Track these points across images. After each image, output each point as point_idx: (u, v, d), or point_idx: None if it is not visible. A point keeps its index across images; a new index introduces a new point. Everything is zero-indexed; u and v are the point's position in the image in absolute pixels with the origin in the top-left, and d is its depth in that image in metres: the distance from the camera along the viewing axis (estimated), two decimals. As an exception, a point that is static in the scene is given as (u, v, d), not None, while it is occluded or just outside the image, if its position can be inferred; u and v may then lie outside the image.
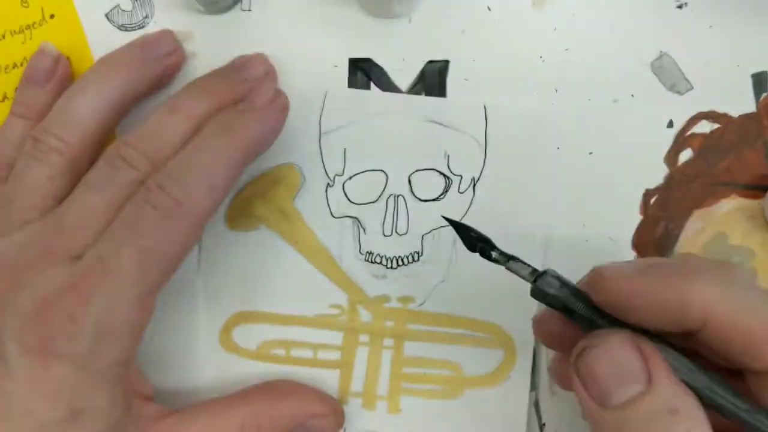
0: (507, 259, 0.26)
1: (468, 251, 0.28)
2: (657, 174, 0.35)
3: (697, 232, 0.35)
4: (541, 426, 0.35)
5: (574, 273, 0.34)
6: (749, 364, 0.22)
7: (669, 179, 0.35)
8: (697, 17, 0.34)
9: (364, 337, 0.34)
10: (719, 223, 0.35)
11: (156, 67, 0.32)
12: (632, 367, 0.22)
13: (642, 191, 0.35)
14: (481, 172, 0.34)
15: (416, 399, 0.34)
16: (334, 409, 0.33)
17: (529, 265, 0.26)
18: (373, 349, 0.34)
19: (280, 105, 0.31)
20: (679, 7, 0.35)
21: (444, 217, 0.29)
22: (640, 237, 0.35)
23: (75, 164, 0.30)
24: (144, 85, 0.31)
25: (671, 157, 0.35)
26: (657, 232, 0.35)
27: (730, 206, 0.35)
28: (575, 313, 0.25)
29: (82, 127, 0.30)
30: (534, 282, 0.25)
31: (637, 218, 0.35)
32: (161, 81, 0.33)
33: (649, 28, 0.34)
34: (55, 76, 0.32)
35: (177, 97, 0.30)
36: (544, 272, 0.25)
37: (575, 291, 0.25)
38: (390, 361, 0.34)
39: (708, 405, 0.22)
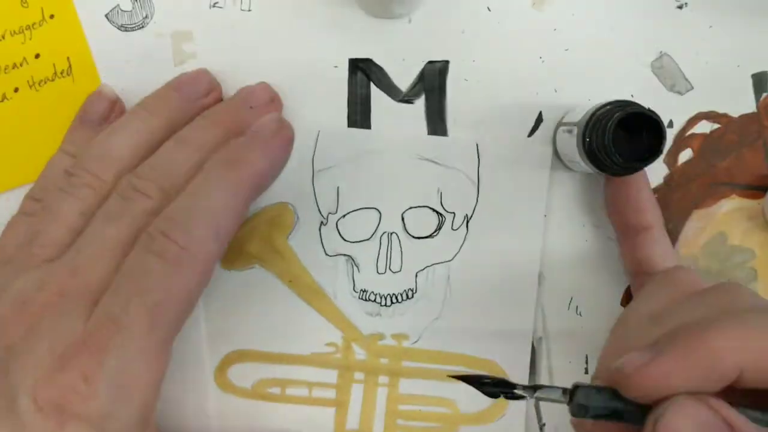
0: (533, 391, 0.25)
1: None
2: (657, 174, 0.35)
3: (697, 232, 0.35)
4: (541, 426, 0.35)
5: (575, 276, 0.35)
6: None
7: (669, 179, 0.35)
8: (697, 17, 0.34)
9: (359, 375, 0.34)
10: (719, 223, 0.35)
11: (193, 109, 0.32)
12: (716, 426, 0.21)
13: (642, 191, 0.35)
14: (474, 208, 0.34)
15: None
16: None
17: (557, 387, 0.24)
18: (369, 387, 0.34)
19: (285, 135, 0.31)
20: (679, 7, 0.35)
21: (452, 376, 0.27)
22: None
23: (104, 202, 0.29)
24: (180, 126, 0.31)
25: (671, 157, 0.35)
26: (657, 232, 0.35)
27: (729, 206, 0.35)
28: (623, 413, 0.23)
29: (117, 165, 0.29)
30: (571, 401, 0.24)
31: (637, 218, 0.35)
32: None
33: (649, 28, 0.34)
34: (110, 119, 0.32)
35: (186, 129, 0.30)
36: (576, 387, 0.24)
37: (612, 393, 0.23)
38: (385, 399, 0.34)
39: None
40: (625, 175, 0.30)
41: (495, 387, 0.25)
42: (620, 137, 0.29)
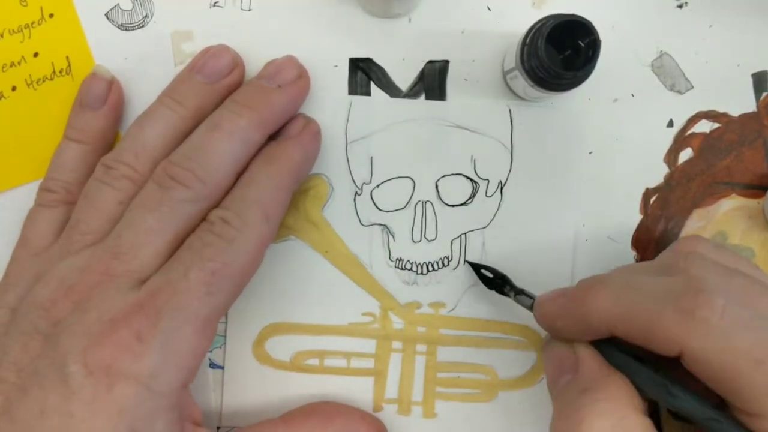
0: (516, 294, 0.31)
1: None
2: (657, 173, 0.35)
3: (697, 231, 0.35)
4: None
5: (576, 273, 0.35)
6: (656, 349, 0.24)
7: (669, 178, 0.35)
8: (697, 17, 0.35)
9: (397, 344, 0.35)
10: (719, 222, 0.35)
11: (219, 89, 0.32)
12: (566, 361, 0.27)
13: (642, 190, 0.35)
14: (508, 175, 0.34)
15: (451, 403, 0.34)
16: (378, 429, 0.33)
17: (530, 298, 0.31)
18: (407, 356, 0.34)
19: (311, 131, 0.33)
20: (679, 6, 0.35)
21: (468, 262, 0.34)
22: (640, 236, 0.35)
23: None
24: (209, 108, 0.31)
25: (671, 156, 0.35)
26: (657, 231, 0.35)
27: (729, 205, 0.35)
28: None
29: (152, 155, 0.30)
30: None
31: (637, 217, 0.35)
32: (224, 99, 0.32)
33: (649, 28, 0.34)
34: (108, 100, 0.33)
35: (217, 114, 0.30)
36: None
37: None
38: (424, 367, 0.34)
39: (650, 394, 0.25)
40: (572, 88, 0.29)
41: (492, 277, 0.33)
42: (561, 57, 0.30)
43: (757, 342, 0.22)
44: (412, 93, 0.34)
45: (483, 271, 0.33)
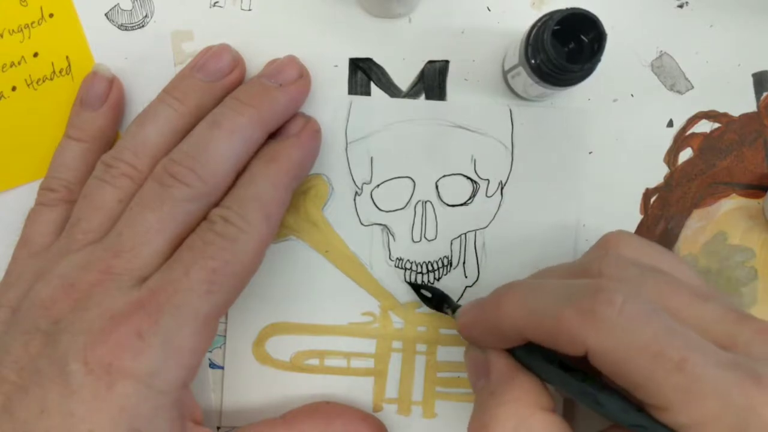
0: (451, 310, 0.32)
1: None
2: (657, 173, 0.35)
3: (697, 232, 0.35)
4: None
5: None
6: (563, 350, 0.24)
7: (669, 178, 0.35)
8: (697, 17, 0.35)
9: (397, 344, 0.35)
10: (719, 222, 0.35)
11: (219, 88, 0.32)
12: (481, 365, 0.28)
13: (642, 190, 0.35)
14: (509, 175, 0.34)
15: (451, 403, 0.34)
16: (378, 429, 0.33)
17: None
18: (407, 355, 0.34)
19: (311, 129, 0.32)
20: (680, 6, 0.35)
21: (408, 282, 0.34)
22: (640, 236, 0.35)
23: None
24: (209, 109, 0.31)
25: (671, 156, 0.35)
26: (657, 231, 0.35)
27: (729, 206, 0.35)
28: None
29: (152, 154, 0.30)
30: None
31: (637, 217, 0.35)
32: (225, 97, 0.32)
33: (649, 28, 0.34)
34: (109, 98, 0.33)
35: (217, 111, 0.30)
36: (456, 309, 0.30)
37: None
38: (424, 366, 0.34)
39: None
40: (579, 82, 0.29)
41: (432, 297, 0.33)
42: (567, 51, 0.30)
43: (654, 335, 0.22)
44: (412, 93, 0.34)
45: (423, 291, 0.34)
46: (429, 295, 0.33)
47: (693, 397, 0.21)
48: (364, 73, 0.34)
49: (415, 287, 0.34)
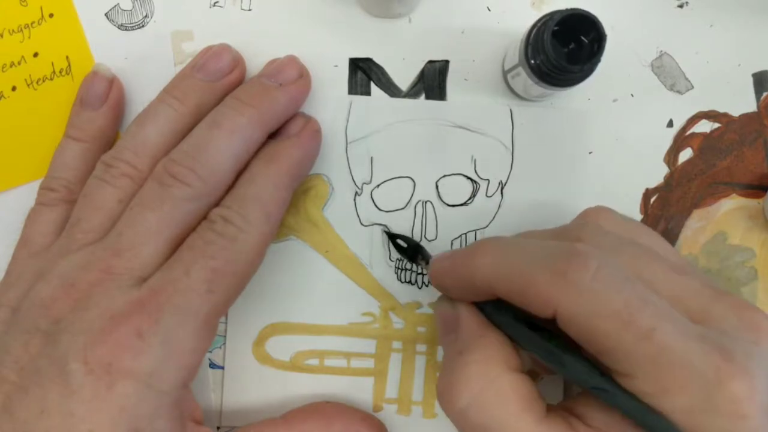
0: (426, 263, 0.31)
1: None
2: (657, 173, 0.35)
3: (697, 232, 0.35)
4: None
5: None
6: (532, 310, 0.24)
7: (669, 179, 0.35)
8: (697, 17, 0.35)
9: (397, 344, 0.34)
10: (719, 222, 0.35)
11: (219, 88, 0.32)
12: (450, 320, 0.28)
13: (642, 190, 0.35)
14: (509, 175, 0.34)
15: None
16: (379, 430, 0.33)
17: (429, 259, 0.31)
18: (407, 355, 0.34)
19: (311, 129, 0.33)
20: (680, 6, 0.35)
21: (385, 231, 0.34)
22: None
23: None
24: (209, 109, 0.31)
25: (671, 156, 0.35)
26: (657, 231, 0.35)
27: (730, 206, 0.35)
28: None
29: (152, 154, 0.30)
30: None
31: (637, 217, 0.35)
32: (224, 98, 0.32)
33: (649, 28, 0.34)
34: (109, 98, 0.33)
35: (217, 111, 0.30)
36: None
37: None
38: (424, 366, 0.34)
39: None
40: (579, 83, 0.29)
41: (407, 246, 0.33)
42: (566, 51, 0.30)
43: (626, 303, 0.22)
44: (412, 93, 0.34)
45: (398, 240, 0.33)
46: (404, 245, 0.33)
47: (659, 366, 0.21)
48: (364, 73, 0.34)
49: (391, 236, 0.33)
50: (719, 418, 0.21)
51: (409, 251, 0.33)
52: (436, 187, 0.34)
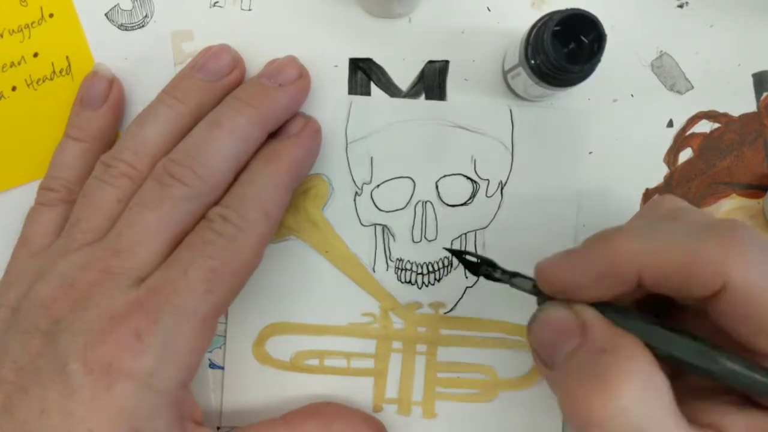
0: (511, 276, 0.28)
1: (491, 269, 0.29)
2: (657, 173, 0.35)
3: (697, 232, 0.35)
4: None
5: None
6: (694, 287, 0.22)
7: (669, 179, 0.35)
8: (697, 17, 0.35)
9: (397, 344, 0.34)
10: (719, 222, 0.35)
11: (219, 88, 0.32)
12: (569, 325, 0.24)
13: (642, 191, 0.35)
14: (509, 175, 0.34)
15: (451, 403, 0.34)
16: (379, 430, 0.33)
17: (530, 279, 0.27)
18: (407, 356, 0.34)
19: (311, 129, 0.33)
20: (680, 6, 0.35)
21: (446, 249, 0.32)
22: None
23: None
24: (209, 109, 0.31)
25: (671, 156, 0.35)
26: (657, 231, 0.35)
27: (730, 206, 0.35)
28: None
29: (151, 154, 0.30)
30: (537, 296, 0.27)
31: (637, 218, 0.35)
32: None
33: (649, 28, 0.34)
34: (109, 98, 0.33)
35: (217, 111, 0.30)
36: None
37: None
38: (424, 367, 0.34)
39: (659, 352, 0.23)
40: (579, 83, 0.29)
41: (481, 264, 0.29)
42: (566, 51, 0.30)
43: None
44: (412, 93, 0.34)
45: (467, 257, 0.30)
46: (474, 260, 0.29)
47: None
48: (364, 73, 0.34)
49: (457, 253, 0.30)
50: None
51: (482, 268, 0.29)
52: (436, 187, 0.34)
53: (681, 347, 0.23)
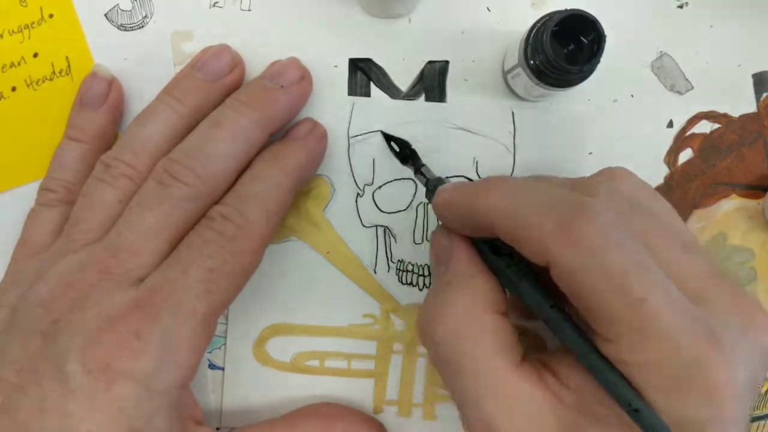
0: (415, 171, 0.31)
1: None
2: (657, 174, 0.35)
3: (697, 232, 0.35)
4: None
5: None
6: (527, 255, 0.24)
7: (669, 179, 0.35)
8: (697, 17, 0.35)
9: (398, 346, 0.34)
10: (719, 223, 0.35)
11: (219, 88, 0.32)
12: (444, 252, 0.28)
13: (642, 191, 0.35)
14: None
15: (451, 405, 0.34)
16: (379, 431, 0.33)
17: (431, 180, 0.30)
18: (408, 357, 0.34)
19: (318, 133, 0.33)
20: (680, 7, 0.35)
21: (381, 132, 0.34)
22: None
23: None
24: (208, 107, 0.31)
25: (671, 156, 0.35)
26: (657, 232, 0.35)
27: (730, 206, 0.35)
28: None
29: (151, 154, 0.30)
30: (427, 191, 0.30)
31: (637, 218, 0.35)
32: (224, 100, 0.32)
33: (649, 28, 0.34)
34: (108, 99, 0.33)
35: (219, 112, 0.30)
36: (435, 188, 0.29)
37: None
38: (424, 369, 0.34)
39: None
40: (578, 83, 0.29)
41: (400, 149, 0.32)
42: (564, 53, 0.30)
43: (622, 267, 0.21)
44: (412, 93, 0.34)
45: (392, 143, 0.33)
46: (397, 148, 0.33)
47: (643, 337, 0.21)
48: (364, 74, 0.34)
49: (387, 137, 0.33)
50: (693, 401, 0.21)
51: (403, 154, 0.33)
52: None
53: (500, 274, 0.26)
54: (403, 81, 0.34)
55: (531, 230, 0.23)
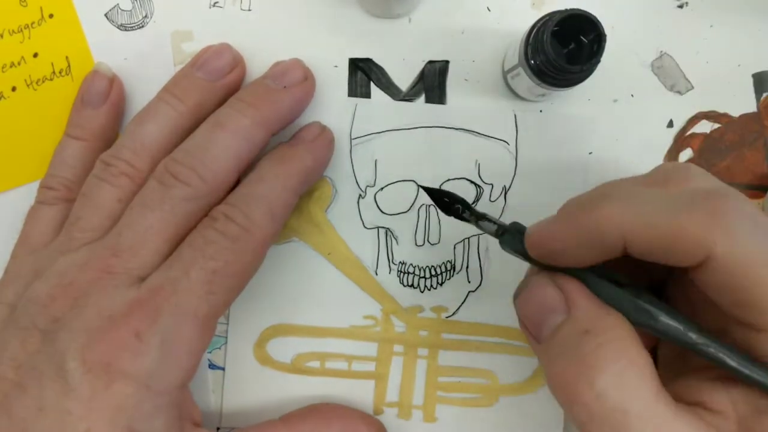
0: (478, 219, 0.28)
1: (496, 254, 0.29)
2: (657, 174, 0.35)
3: (698, 232, 0.35)
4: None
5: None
6: (678, 256, 0.22)
7: (669, 179, 0.35)
8: (697, 17, 0.35)
9: (398, 348, 0.34)
10: (719, 223, 0.35)
11: (219, 87, 0.32)
12: (553, 301, 0.24)
13: (642, 191, 0.35)
14: (512, 180, 0.34)
15: (451, 407, 0.34)
16: (378, 430, 0.33)
17: (495, 223, 0.27)
18: (408, 359, 0.34)
19: (326, 138, 0.33)
20: (680, 7, 0.35)
21: (421, 186, 0.33)
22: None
23: (141, 188, 0.30)
24: (209, 106, 0.31)
25: (671, 156, 0.35)
26: (657, 232, 0.35)
27: (730, 206, 0.35)
28: (535, 261, 0.26)
29: (151, 153, 0.30)
30: (500, 236, 0.27)
31: (637, 218, 0.35)
32: (225, 99, 0.32)
33: (649, 28, 0.34)
34: (109, 97, 0.33)
35: (221, 112, 0.30)
36: (504, 231, 0.27)
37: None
38: (425, 371, 0.34)
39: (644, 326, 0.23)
40: (579, 83, 0.29)
41: (452, 202, 0.29)
42: (564, 52, 0.30)
43: None
44: (412, 93, 0.34)
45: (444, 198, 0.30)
46: (447, 200, 0.29)
47: None
48: (364, 74, 0.34)
49: (432, 192, 0.30)
50: None
51: (454, 208, 0.29)
52: None
53: (616, 299, 0.23)
54: (404, 81, 0.34)
55: (682, 227, 0.21)
